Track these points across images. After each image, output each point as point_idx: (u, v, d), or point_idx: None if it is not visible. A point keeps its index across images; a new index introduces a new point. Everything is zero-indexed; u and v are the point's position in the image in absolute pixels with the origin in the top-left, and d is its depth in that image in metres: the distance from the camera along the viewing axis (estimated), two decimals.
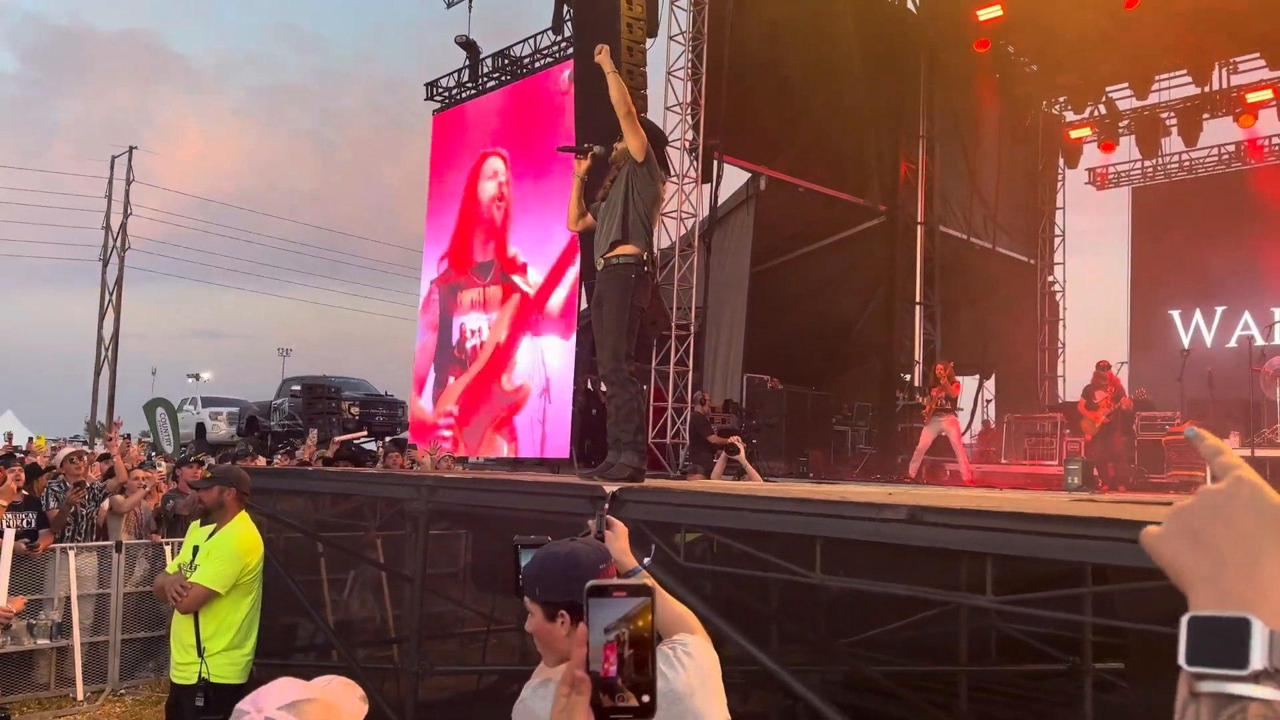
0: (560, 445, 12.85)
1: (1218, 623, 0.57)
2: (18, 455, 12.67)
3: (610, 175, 5.19)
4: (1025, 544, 2.58)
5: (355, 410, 18.43)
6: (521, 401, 13.63)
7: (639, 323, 5.18)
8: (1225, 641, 0.57)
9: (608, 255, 5.04)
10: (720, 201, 13.52)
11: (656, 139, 5.36)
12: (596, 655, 1.00)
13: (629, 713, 1.00)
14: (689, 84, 12.47)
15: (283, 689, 1.40)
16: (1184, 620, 0.59)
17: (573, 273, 13.04)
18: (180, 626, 4.78)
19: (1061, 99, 18.31)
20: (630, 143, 4.99)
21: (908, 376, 15.67)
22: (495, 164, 15.04)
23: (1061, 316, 18.90)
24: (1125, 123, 17.85)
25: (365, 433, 15.67)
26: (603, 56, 5.11)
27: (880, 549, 3.22)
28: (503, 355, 14.21)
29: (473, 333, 15.10)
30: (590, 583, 1.01)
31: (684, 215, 12.55)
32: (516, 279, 14.22)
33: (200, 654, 4.68)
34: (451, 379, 15.37)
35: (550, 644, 1.90)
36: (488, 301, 14.88)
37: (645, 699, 1.00)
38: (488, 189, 15.18)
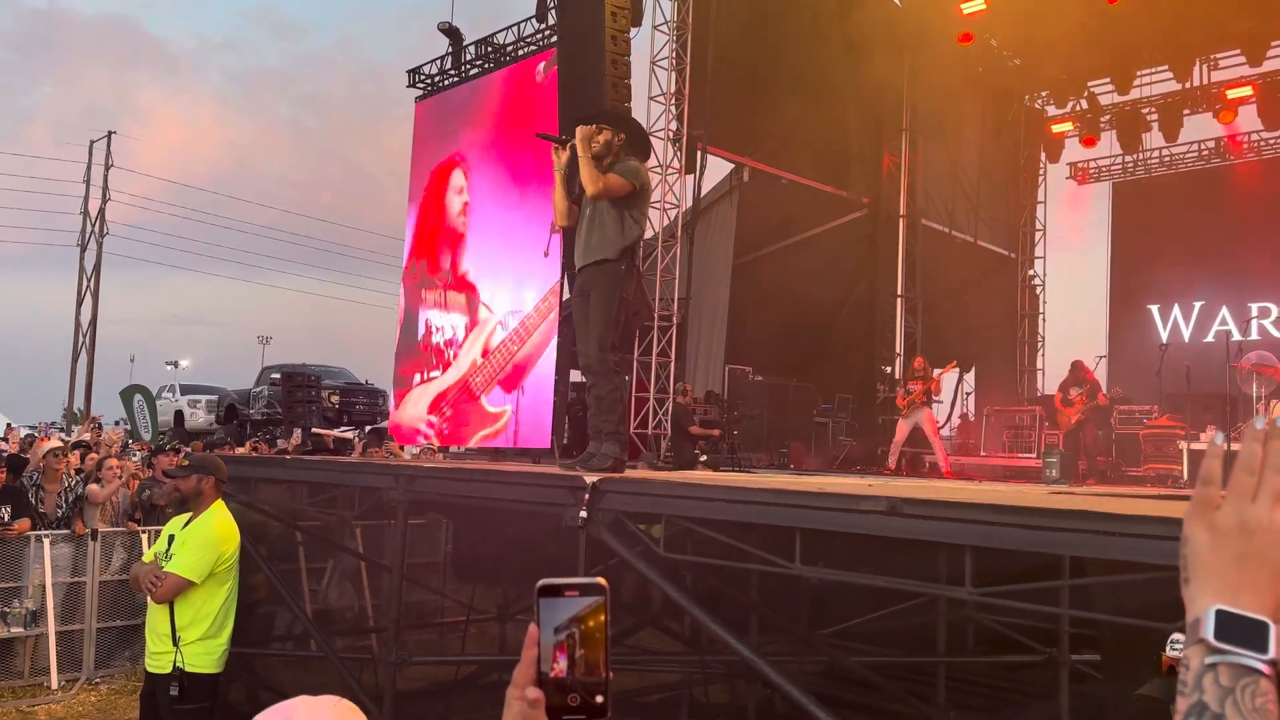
0: (535, 435, 12.80)
1: (1244, 620, 0.81)
2: None
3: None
4: (1004, 536, 2.59)
5: (335, 399, 18.34)
6: (504, 428, 13.56)
7: (625, 314, 5.11)
8: (1248, 633, 0.80)
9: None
10: (703, 192, 13.51)
11: (635, 134, 5.21)
12: (547, 656, 0.99)
13: (583, 713, 0.98)
14: (673, 74, 12.44)
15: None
16: (1213, 610, 0.82)
17: (549, 322, 12.96)
18: (155, 616, 4.74)
19: (1044, 93, 18.38)
20: (619, 194, 4.82)
21: (888, 369, 15.74)
22: (459, 178, 14.98)
23: (1041, 310, 19.02)
24: (1107, 117, 17.94)
25: (342, 430, 15.56)
26: (579, 138, 4.83)
27: (860, 540, 3.22)
28: (483, 376, 14.05)
29: (437, 329, 15.03)
30: (541, 582, 1.00)
31: (667, 206, 12.54)
32: (479, 304, 14.16)
33: (175, 643, 4.64)
34: (416, 376, 15.29)
35: None
36: (449, 303, 14.83)
37: (599, 699, 0.98)
38: (451, 201, 15.13)
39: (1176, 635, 1.74)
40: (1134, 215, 18.69)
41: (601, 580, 1.00)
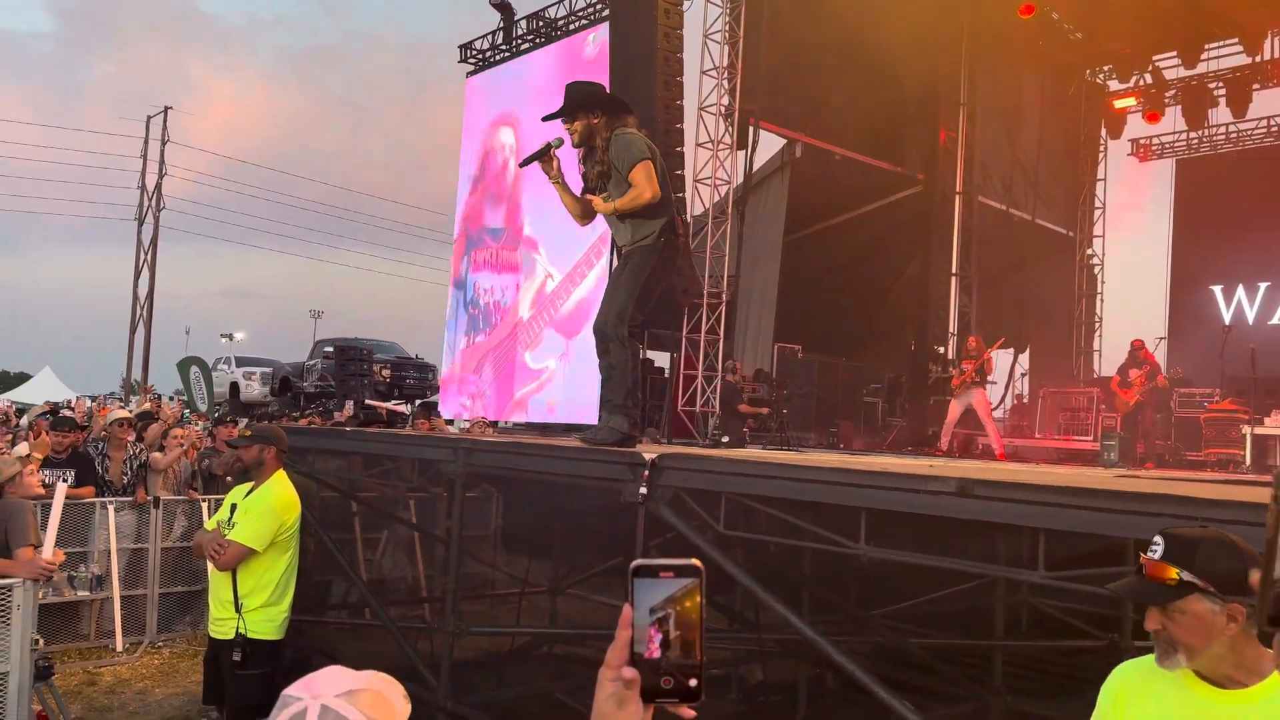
0: (583, 410, 12.82)
1: None
2: (59, 412, 12.87)
3: (595, 158, 4.77)
4: (1079, 519, 2.53)
5: (386, 373, 18.53)
6: (546, 383, 13.65)
7: (658, 289, 4.90)
8: None
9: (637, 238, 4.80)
10: (755, 168, 13.38)
11: (607, 102, 4.92)
12: (641, 637, 0.97)
13: (676, 696, 0.97)
14: (726, 48, 12.29)
15: (334, 677, 1.39)
16: None
17: (600, 266, 13.00)
18: (218, 583, 4.84)
19: (1106, 68, 17.90)
20: (644, 198, 4.61)
21: (941, 349, 15.51)
22: (506, 135, 15.03)
23: (1100, 291, 18.61)
24: (1172, 93, 17.42)
25: (395, 403, 15.77)
26: (596, 208, 4.76)
27: (915, 521, 3.17)
28: (527, 333, 14.19)
29: (486, 291, 15.17)
30: (635, 562, 0.98)
31: (718, 182, 12.43)
32: (535, 257, 14.22)
33: (238, 610, 4.74)
34: (463, 341, 15.50)
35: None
36: (500, 263, 14.93)
37: (693, 683, 0.97)
38: (498, 159, 15.21)
39: (1158, 538, 1.86)
40: (1198, 193, 18.16)
41: (697, 562, 0.99)
